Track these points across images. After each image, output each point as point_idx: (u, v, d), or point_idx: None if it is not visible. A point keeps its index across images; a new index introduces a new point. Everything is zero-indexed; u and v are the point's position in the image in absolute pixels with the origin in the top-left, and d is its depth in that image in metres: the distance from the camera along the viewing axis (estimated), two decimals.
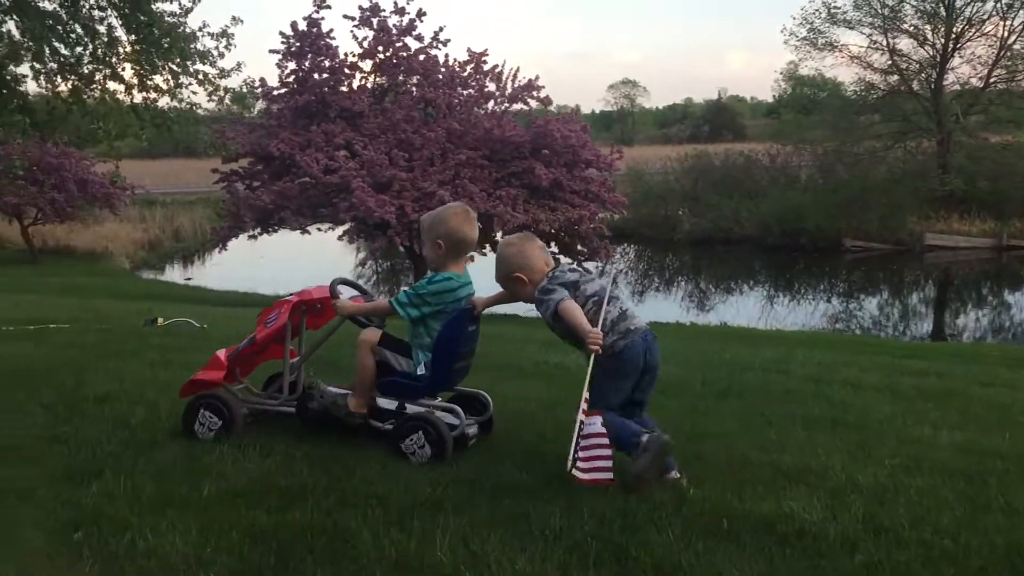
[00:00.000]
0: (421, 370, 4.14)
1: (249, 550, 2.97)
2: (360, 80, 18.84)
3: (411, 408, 4.13)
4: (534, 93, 18.55)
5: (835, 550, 3.10)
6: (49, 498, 3.38)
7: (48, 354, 6.14)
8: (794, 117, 42.40)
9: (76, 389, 5.07)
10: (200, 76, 15.28)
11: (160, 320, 8.10)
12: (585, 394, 3.67)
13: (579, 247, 18.27)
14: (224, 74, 15.43)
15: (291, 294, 4.55)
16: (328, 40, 18.19)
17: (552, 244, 18.50)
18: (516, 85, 18.56)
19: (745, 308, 20.24)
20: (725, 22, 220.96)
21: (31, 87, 15.99)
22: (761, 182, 33.67)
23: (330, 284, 4.35)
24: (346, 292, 4.48)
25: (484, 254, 18.82)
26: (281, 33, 18.07)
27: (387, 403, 4.25)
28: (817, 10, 32.95)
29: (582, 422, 3.60)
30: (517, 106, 18.89)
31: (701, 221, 31.41)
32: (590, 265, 19.11)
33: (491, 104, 18.86)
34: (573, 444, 3.58)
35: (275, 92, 18.65)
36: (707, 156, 35.89)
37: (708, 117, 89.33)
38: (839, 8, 32.50)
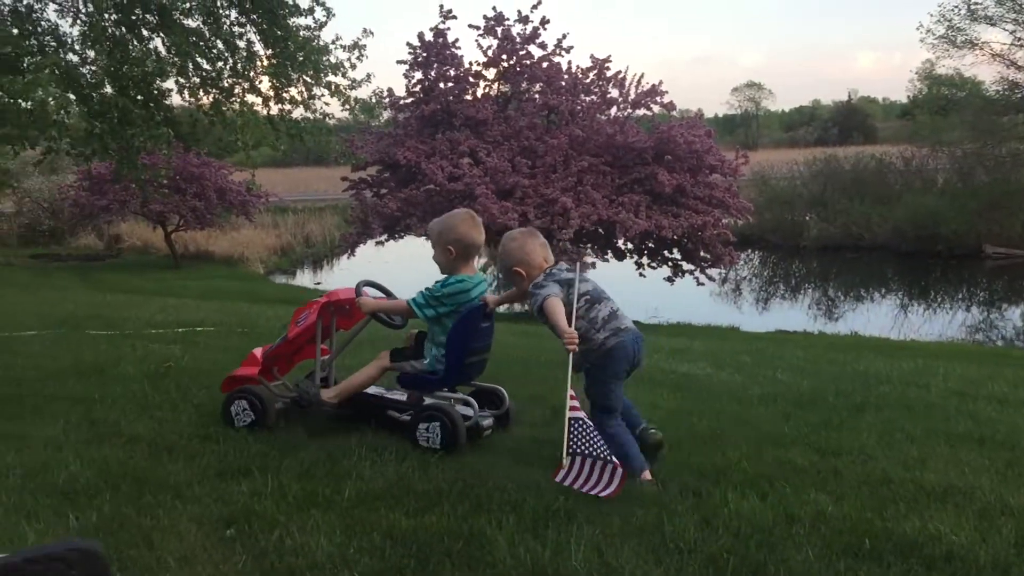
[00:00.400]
0: (434, 363, 4.40)
1: (390, 552, 3.05)
2: (484, 88, 19.12)
3: (428, 399, 4.38)
4: (657, 98, 18.40)
5: (986, 575, 2.98)
6: (203, 494, 3.56)
7: (197, 356, 6.47)
8: (930, 118, 40.41)
9: None
10: (332, 87, 15.73)
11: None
12: (570, 391, 3.72)
13: (702, 253, 18.01)
14: (355, 85, 15.84)
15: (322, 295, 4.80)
16: (454, 50, 18.53)
17: (675, 250, 18.31)
18: (639, 91, 18.46)
19: (877, 317, 19.51)
20: (855, 21, 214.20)
21: (175, 100, 16.75)
22: (894, 186, 32.38)
23: (356, 285, 4.61)
24: (373, 294, 4.72)
25: (607, 260, 18.79)
26: (408, 44, 18.54)
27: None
28: (956, 6, 31.42)
29: (572, 419, 3.63)
30: (640, 111, 18.79)
31: (829, 226, 30.45)
32: (714, 272, 18.82)
33: (614, 110, 18.82)
34: (565, 438, 3.59)
35: (402, 102, 19.13)
36: (836, 159, 34.78)
37: (837, 119, 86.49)
38: (980, 4, 30.93)
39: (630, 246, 18.39)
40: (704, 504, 3.57)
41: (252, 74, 15.94)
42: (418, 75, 18.79)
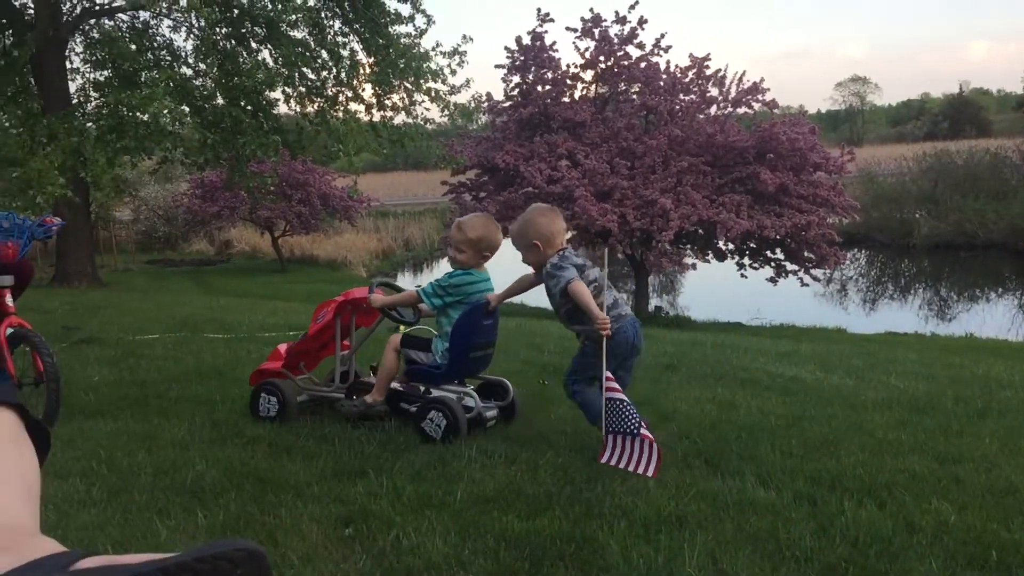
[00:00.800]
0: (438, 358, 4.73)
1: (504, 554, 3.10)
2: (582, 90, 19.09)
3: (434, 391, 4.73)
4: (759, 96, 18.05)
5: None
6: (322, 494, 3.67)
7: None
8: None
9: None
10: (432, 93, 16.01)
11: (402, 328, 8.54)
12: (607, 373, 3.97)
13: (806, 254, 17.59)
14: (454, 90, 16.09)
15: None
16: (551, 53, 18.55)
17: (778, 251, 17.94)
18: (740, 89, 18.14)
19: (993, 318, 18.70)
20: (966, 9, 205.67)
21: (281, 109, 17.34)
22: (1010, 181, 30.93)
23: (370, 283, 5.06)
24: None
25: (707, 261, 18.53)
26: (506, 48, 18.64)
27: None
28: None
29: (608, 400, 3.89)
30: (741, 110, 18.47)
31: (941, 224, 29.30)
32: (818, 272, 18.36)
33: (713, 109, 18.55)
34: (603, 418, 3.92)
35: (500, 105, 19.26)
36: (947, 154, 33.43)
37: (947, 112, 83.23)
38: None
39: (731, 247, 18.10)
40: (820, 512, 3.50)
41: (355, 82, 16.41)
42: (516, 79, 18.89)
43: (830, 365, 7.41)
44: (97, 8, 16.79)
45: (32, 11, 16.55)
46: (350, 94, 16.40)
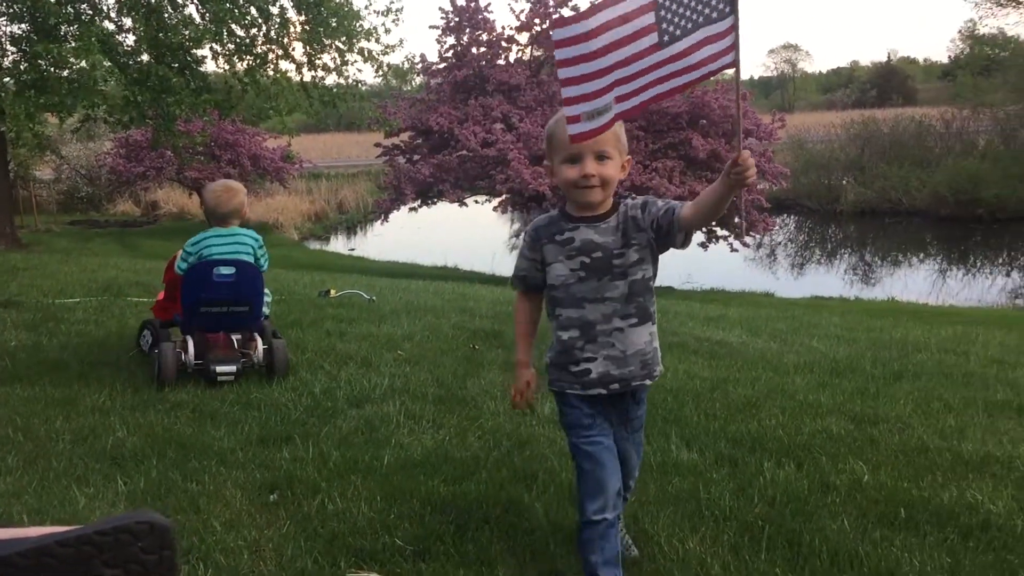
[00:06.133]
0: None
1: (430, 518, 3.11)
2: (517, 53, 19.01)
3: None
4: None
5: None
6: (247, 460, 3.64)
7: None
8: (972, 79, 39.47)
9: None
10: (365, 53, 15.74)
11: (333, 291, 8.46)
12: None
13: (736, 219, 17.86)
14: (388, 50, 15.84)
15: None
16: (486, 14, 18.41)
17: None
18: None
19: (915, 283, 19.27)
20: None
21: (209, 67, 16.87)
22: (934, 149, 31.74)
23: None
24: None
25: None
26: (440, 9, 18.43)
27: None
28: None
29: None
30: None
31: (867, 191, 29.98)
32: (748, 238, 18.66)
33: None
34: None
35: (434, 67, 19.07)
36: (874, 122, 34.14)
37: (876, 81, 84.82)
38: None
39: None
40: (740, 473, 3.59)
41: (286, 40, 16.02)
42: (450, 40, 18.73)
43: (756, 329, 7.56)
44: None
45: None
46: (280, 52, 16.02)
